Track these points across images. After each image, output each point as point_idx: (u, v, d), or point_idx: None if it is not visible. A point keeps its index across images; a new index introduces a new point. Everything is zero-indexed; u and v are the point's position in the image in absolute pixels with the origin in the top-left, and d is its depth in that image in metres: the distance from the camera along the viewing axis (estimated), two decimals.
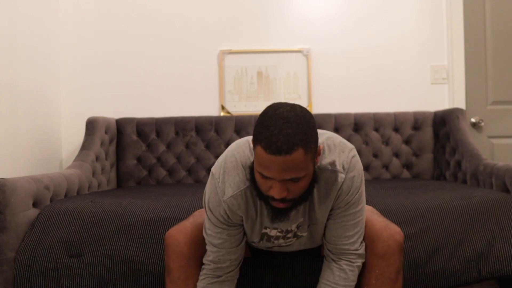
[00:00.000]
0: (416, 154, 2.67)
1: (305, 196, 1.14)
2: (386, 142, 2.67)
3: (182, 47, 2.79)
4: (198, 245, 1.33)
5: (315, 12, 2.80)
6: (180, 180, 2.63)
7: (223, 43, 2.80)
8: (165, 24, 2.79)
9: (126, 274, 1.56)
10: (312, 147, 1.04)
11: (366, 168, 2.65)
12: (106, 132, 2.52)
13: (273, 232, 1.29)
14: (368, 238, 1.30)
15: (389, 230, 1.30)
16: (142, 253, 1.58)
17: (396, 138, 2.66)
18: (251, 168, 1.17)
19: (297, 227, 1.28)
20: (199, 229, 1.35)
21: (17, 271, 1.58)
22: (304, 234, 1.31)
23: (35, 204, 1.73)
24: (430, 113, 2.68)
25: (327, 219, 1.28)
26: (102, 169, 2.42)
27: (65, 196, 1.95)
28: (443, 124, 2.57)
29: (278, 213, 1.16)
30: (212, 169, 1.25)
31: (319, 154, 1.11)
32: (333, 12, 2.80)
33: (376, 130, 2.67)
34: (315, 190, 1.20)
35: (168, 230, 1.59)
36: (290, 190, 1.08)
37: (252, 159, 1.19)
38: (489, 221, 1.67)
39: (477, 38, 2.81)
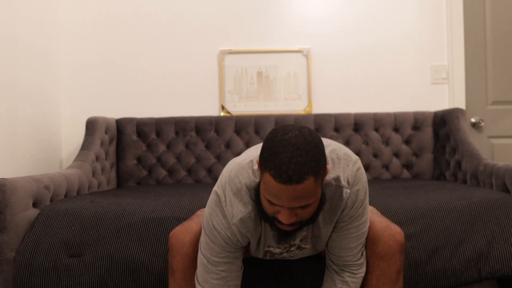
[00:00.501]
0: (416, 154, 2.67)
1: (313, 218, 1.12)
2: (386, 142, 2.67)
3: (182, 47, 2.79)
4: None
5: (315, 12, 2.80)
6: (180, 180, 2.63)
7: (223, 43, 2.80)
8: (165, 24, 2.79)
9: (126, 274, 1.56)
10: (321, 173, 1.02)
11: (366, 168, 2.65)
12: (106, 132, 2.52)
13: (277, 250, 1.29)
14: (369, 239, 1.30)
15: (389, 230, 1.30)
16: (142, 253, 1.58)
17: (396, 138, 2.66)
18: (256, 190, 1.14)
19: (300, 240, 1.27)
20: None
21: (17, 271, 1.58)
22: (307, 247, 1.30)
23: (35, 204, 1.73)
24: (430, 113, 2.68)
25: (331, 233, 1.26)
26: (102, 169, 2.42)
27: (65, 196, 1.95)
28: (443, 124, 2.57)
29: (284, 235, 1.14)
30: (216, 190, 1.20)
31: (326, 174, 1.07)
32: (333, 12, 2.80)
33: (376, 130, 2.67)
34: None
35: (168, 229, 1.60)
36: (299, 214, 1.06)
37: (256, 180, 1.16)
38: (489, 221, 1.67)
39: (477, 38, 2.81)
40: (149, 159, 2.62)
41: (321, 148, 1.02)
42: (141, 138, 2.63)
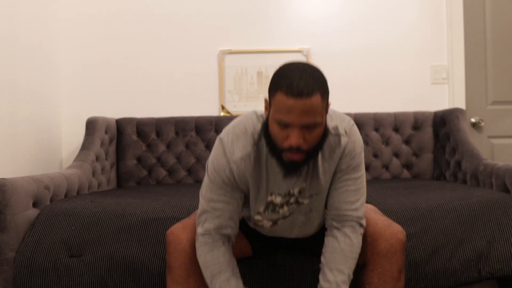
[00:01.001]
0: (416, 154, 2.67)
1: (317, 149, 1.19)
2: (386, 142, 2.67)
3: (182, 47, 2.79)
4: None
5: (315, 12, 2.80)
6: (180, 180, 2.63)
7: (223, 43, 2.79)
8: (165, 24, 2.79)
9: (126, 274, 1.56)
10: (327, 96, 1.13)
11: (366, 168, 2.65)
12: (106, 132, 2.52)
13: (278, 200, 1.30)
14: (371, 237, 1.30)
15: (391, 229, 1.30)
16: (142, 253, 1.58)
17: (396, 138, 2.66)
18: (264, 125, 1.21)
19: (299, 192, 1.30)
20: None
21: (17, 271, 1.58)
22: (306, 202, 1.32)
23: (35, 204, 1.73)
24: (430, 113, 2.68)
25: (330, 187, 1.30)
26: (102, 169, 2.42)
27: (65, 196, 1.95)
28: (443, 124, 2.57)
29: (291, 167, 1.18)
30: (220, 136, 1.29)
31: (329, 106, 1.18)
32: (333, 12, 2.80)
33: (376, 130, 2.67)
34: (319, 154, 1.24)
35: (168, 229, 1.60)
36: (306, 138, 1.13)
37: (259, 125, 1.25)
38: (489, 221, 1.67)
39: (477, 38, 2.81)
40: (149, 159, 2.62)
41: (324, 77, 1.14)
42: (141, 138, 2.63)
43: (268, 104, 1.17)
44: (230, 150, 1.25)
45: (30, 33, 2.38)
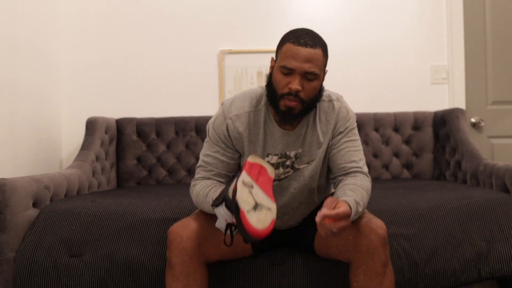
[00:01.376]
0: (416, 154, 2.67)
1: (311, 105, 1.32)
2: (386, 142, 2.67)
3: (182, 47, 2.79)
4: (201, 241, 1.33)
5: (315, 12, 2.80)
6: (180, 180, 2.63)
7: (223, 43, 2.79)
8: (165, 24, 2.79)
9: (126, 274, 1.56)
10: (326, 58, 1.33)
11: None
12: (106, 132, 2.52)
13: (274, 159, 1.37)
14: (353, 234, 1.30)
15: (370, 224, 1.30)
16: (142, 253, 1.58)
17: (396, 138, 2.66)
18: (268, 78, 1.34)
19: (296, 157, 1.38)
20: (203, 225, 1.35)
21: (17, 271, 1.58)
22: (301, 167, 1.39)
23: (35, 204, 1.73)
24: (430, 113, 2.68)
25: (331, 152, 1.40)
26: (102, 169, 2.42)
27: (65, 196, 1.95)
28: (443, 124, 2.57)
29: (287, 114, 1.30)
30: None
31: (326, 72, 1.35)
32: (333, 12, 2.80)
33: (376, 130, 2.67)
34: (317, 119, 1.38)
35: (168, 229, 1.60)
36: (305, 87, 1.27)
37: (261, 92, 1.39)
38: (489, 221, 1.67)
39: (477, 38, 2.81)
40: (149, 159, 2.62)
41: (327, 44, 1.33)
42: (141, 138, 2.63)
43: (274, 61, 1.33)
44: (228, 110, 1.39)
45: (30, 33, 2.38)
